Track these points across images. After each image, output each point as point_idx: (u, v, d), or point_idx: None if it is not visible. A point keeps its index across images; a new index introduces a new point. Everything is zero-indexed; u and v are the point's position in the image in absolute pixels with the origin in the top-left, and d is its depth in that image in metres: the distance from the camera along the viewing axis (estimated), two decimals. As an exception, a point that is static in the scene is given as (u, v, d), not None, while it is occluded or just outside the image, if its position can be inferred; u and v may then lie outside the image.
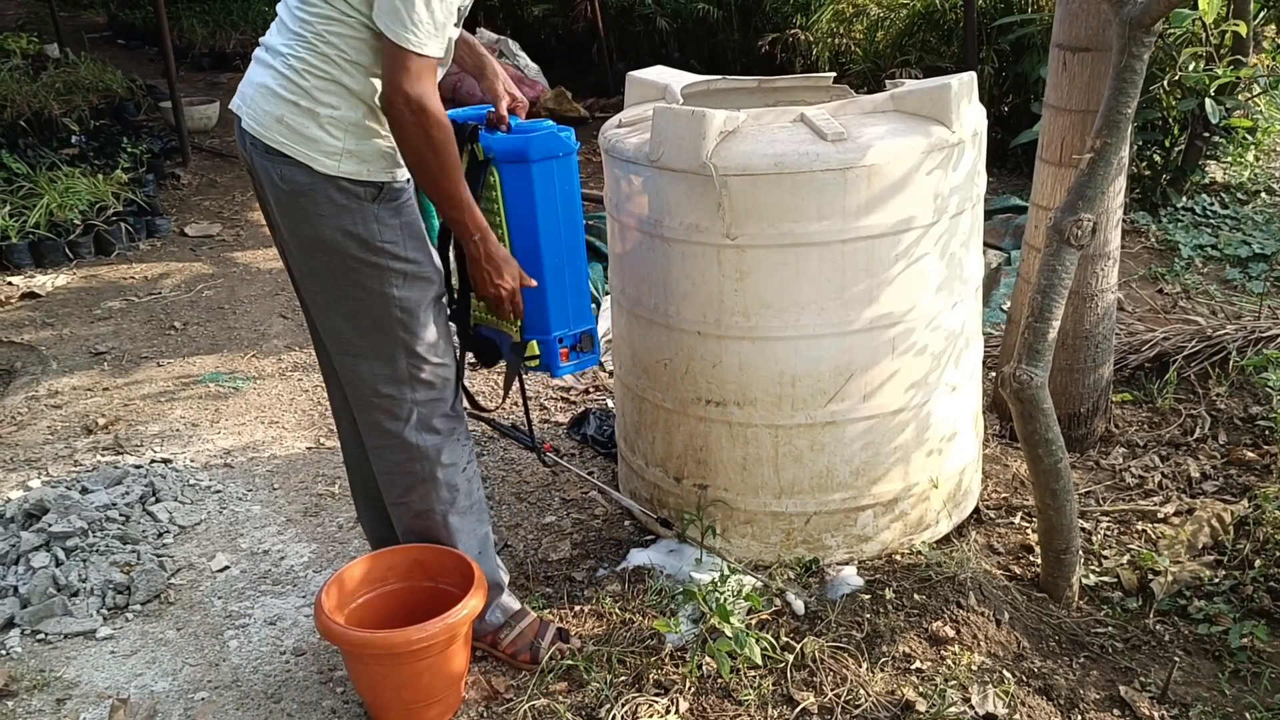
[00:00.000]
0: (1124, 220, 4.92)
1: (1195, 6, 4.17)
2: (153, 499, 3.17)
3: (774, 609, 2.50)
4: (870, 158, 2.32)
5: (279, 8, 2.18)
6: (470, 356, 2.50)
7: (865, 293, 2.42)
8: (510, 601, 2.49)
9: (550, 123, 2.32)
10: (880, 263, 2.40)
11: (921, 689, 2.26)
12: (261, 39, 2.20)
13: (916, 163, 2.35)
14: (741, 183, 2.35)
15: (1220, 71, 4.41)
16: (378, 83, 2.08)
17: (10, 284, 5.13)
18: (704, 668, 2.33)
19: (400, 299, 2.19)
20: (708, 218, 2.40)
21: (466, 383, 2.46)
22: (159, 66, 8.07)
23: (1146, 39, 2.22)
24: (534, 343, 2.37)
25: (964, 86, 2.44)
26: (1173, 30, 4.78)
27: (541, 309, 2.33)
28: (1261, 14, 5.22)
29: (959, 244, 2.51)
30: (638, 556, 2.77)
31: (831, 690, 2.26)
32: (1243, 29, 4.55)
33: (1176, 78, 4.76)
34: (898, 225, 2.38)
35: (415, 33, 1.98)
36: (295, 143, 2.09)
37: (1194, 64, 4.75)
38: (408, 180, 2.21)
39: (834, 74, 3.39)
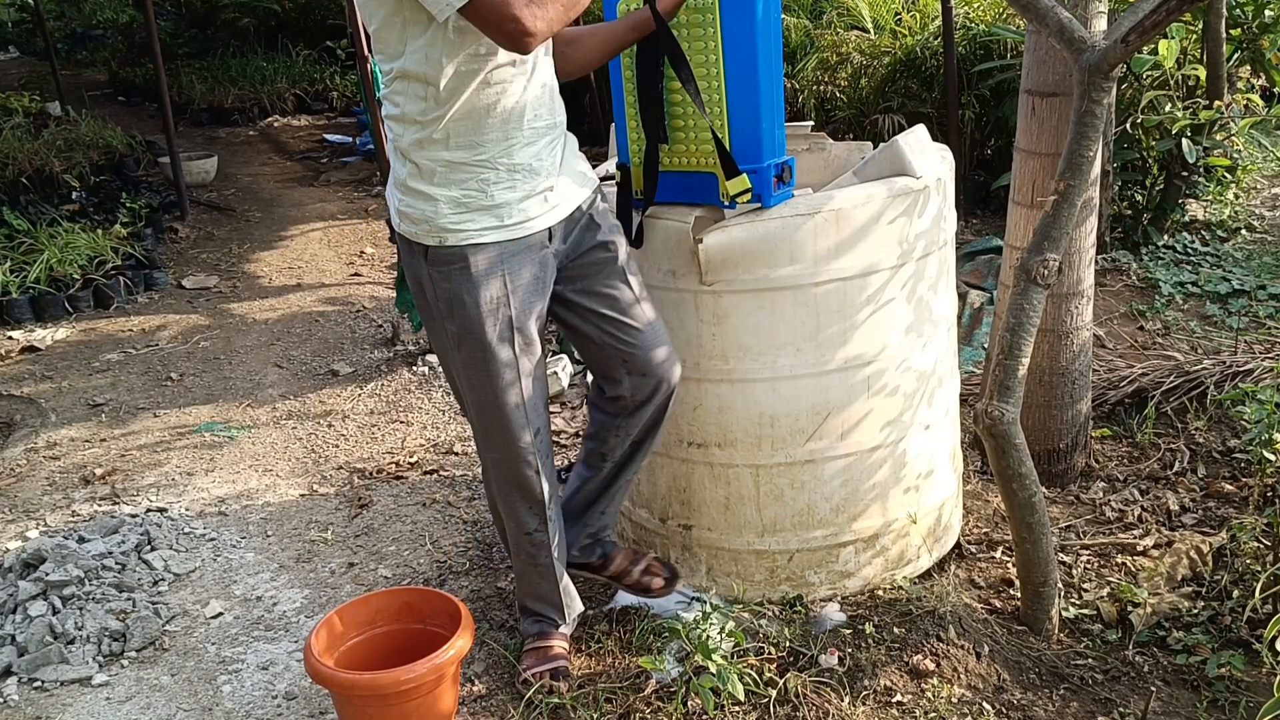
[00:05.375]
0: (1105, 259, 5.03)
1: (1158, 51, 4.28)
2: (148, 547, 3.22)
3: (756, 644, 2.53)
4: (837, 202, 2.40)
5: None
6: None
7: (839, 334, 2.48)
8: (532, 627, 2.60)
9: None
10: (852, 305, 2.47)
11: (902, 722, 2.30)
12: None
13: (881, 208, 2.43)
14: (716, 230, 2.42)
15: (1179, 114, 4.51)
16: (414, 140, 2.15)
17: (10, 338, 5.21)
18: (689, 705, 2.37)
19: (461, 359, 2.29)
20: (684, 265, 2.47)
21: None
22: (158, 123, 8.21)
23: (1105, 84, 2.30)
24: (744, 176, 2.38)
25: (914, 140, 2.54)
26: (1150, 74, 4.90)
27: (755, 137, 2.37)
28: (1235, 56, 5.33)
29: (927, 286, 2.58)
30: (625, 597, 2.80)
31: (813, 725, 2.30)
32: (1201, 73, 4.65)
33: (1139, 119, 4.86)
34: (867, 268, 2.45)
35: None
36: (390, 199, 2.30)
37: (1169, 105, 4.86)
38: (464, 248, 2.18)
39: (812, 123, 3.48)
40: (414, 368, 4.55)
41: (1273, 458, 2.88)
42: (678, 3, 2.30)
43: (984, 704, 2.34)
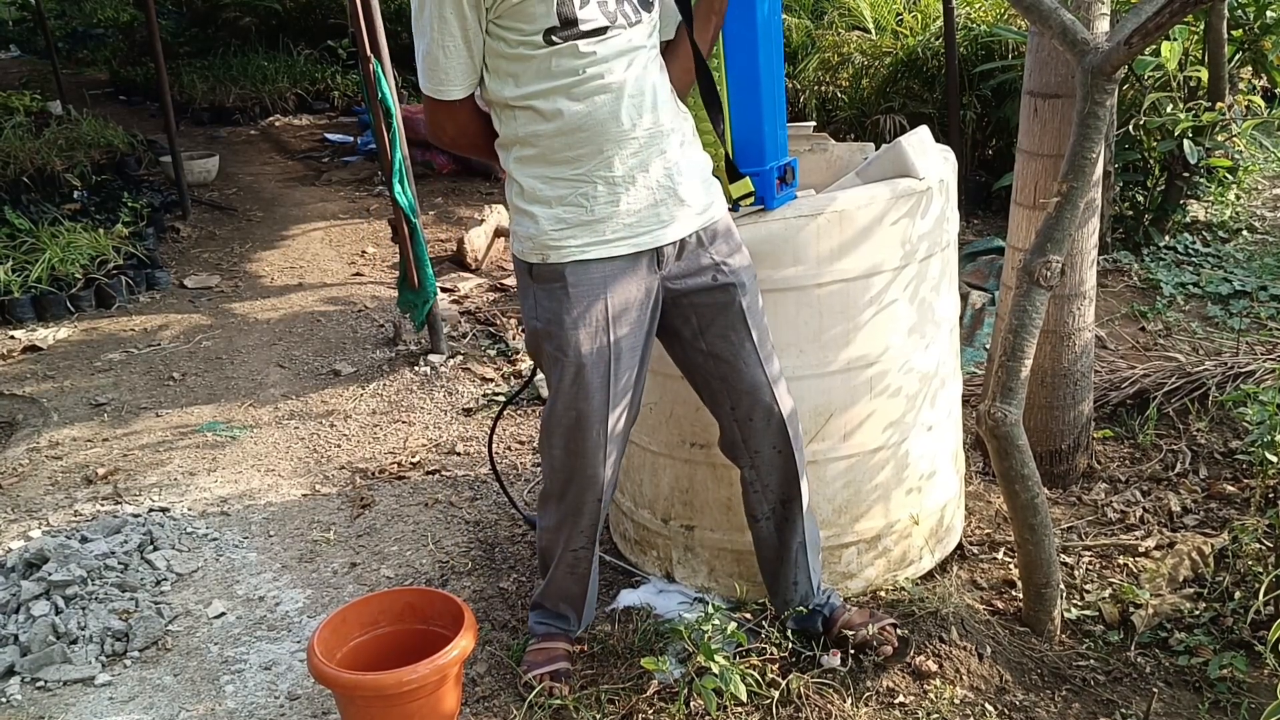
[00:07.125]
0: (1107, 260, 5.03)
1: (1160, 53, 4.28)
2: (151, 547, 3.22)
3: (759, 645, 2.54)
4: (840, 204, 2.40)
5: None
6: None
7: (841, 335, 2.49)
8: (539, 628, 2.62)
9: None
10: (855, 306, 2.48)
11: (904, 723, 2.30)
12: None
13: (884, 209, 2.43)
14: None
15: (1181, 116, 4.50)
16: (514, 160, 2.17)
17: (12, 338, 5.21)
18: (692, 706, 2.37)
19: (554, 380, 2.26)
20: (688, 265, 2.47)
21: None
22: (160, 122, 8.22)
23: (1108, 86, 2.30)
24: (747, 179, 2.38)
25: (917, 141, 2.54)
26: (1152, 75, 4.90)
27: (758, 140, 2.37)
28: (1237, 57, 5.34)
29: (929, 288, 2.58)
30: (627, 597, 2.81)
31: (816, 725, 2.30)
32: (1203, 74, 4.64)
33: (1142, 121, 4.87)
34: (870, 269, 2.46)
35: (420, 78, 2.15)
36: None
37: (1171, 106, 4.87)
38: (566, 265, 2.16)
39: (814, 123, 3.49)
40: (416, 368, 4.55)
41: (1274, 459, 2.88)
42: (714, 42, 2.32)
43: (986, 705, 2.35)
